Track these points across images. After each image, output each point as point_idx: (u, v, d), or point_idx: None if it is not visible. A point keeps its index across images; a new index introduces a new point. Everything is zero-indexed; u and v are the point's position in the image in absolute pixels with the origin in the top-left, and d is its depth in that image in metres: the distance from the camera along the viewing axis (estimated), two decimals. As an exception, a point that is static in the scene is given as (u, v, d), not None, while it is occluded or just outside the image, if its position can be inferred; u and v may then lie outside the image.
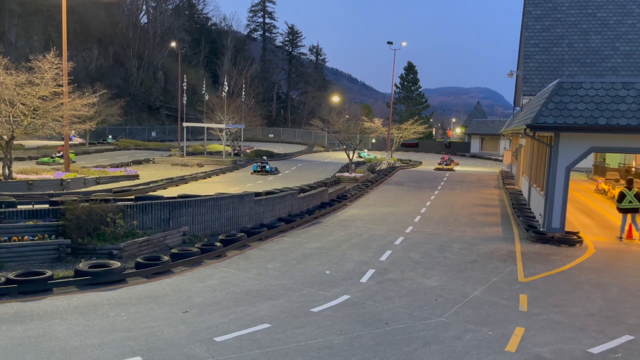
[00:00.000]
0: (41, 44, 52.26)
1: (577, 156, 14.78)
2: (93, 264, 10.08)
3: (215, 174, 29.52)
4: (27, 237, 10.94)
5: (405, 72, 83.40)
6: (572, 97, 14.22)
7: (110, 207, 12.13)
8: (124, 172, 26.45)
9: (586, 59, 29.15)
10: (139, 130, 60.29)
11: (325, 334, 7.71)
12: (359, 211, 19.71)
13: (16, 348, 6.81)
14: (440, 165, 39.31)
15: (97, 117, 33.69)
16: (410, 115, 66.70)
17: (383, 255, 12.71)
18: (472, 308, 9.10)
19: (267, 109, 77.98)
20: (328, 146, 61.64)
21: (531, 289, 10.29)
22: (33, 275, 9.25)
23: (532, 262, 12.48)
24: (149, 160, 35.15)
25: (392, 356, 6.99)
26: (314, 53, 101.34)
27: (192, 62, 76.22)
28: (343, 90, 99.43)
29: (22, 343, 6.98)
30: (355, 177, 29.02)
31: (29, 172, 22.85)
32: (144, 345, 7.05)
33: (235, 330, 7.67)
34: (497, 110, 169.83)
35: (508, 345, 7.45)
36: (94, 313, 8.25)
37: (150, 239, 12.20)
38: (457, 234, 15.68)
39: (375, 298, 9.50)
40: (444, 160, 40.34)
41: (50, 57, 20.73)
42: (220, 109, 42.25)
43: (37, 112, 20.72)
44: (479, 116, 77.02)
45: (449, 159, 40.81)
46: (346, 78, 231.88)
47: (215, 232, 14.33)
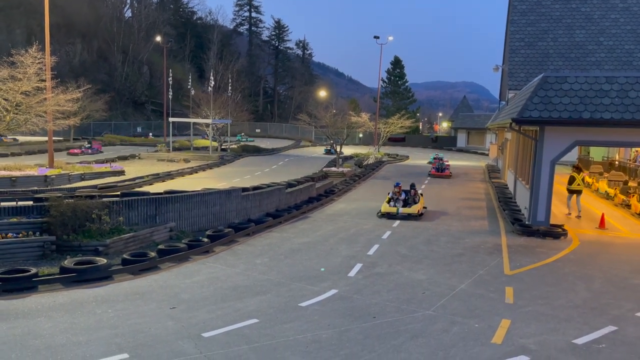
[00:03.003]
0: (23, 37, 51.37)
1: (562, 150, 14.94)
2: (79, 260, 9.98)
3: (202, 169, 29.36)
4: (11, 235, 10.79)
5: (392, 67, 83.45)
6: (556, 91, 14.35)
7: (96, 204, 12.01)
8: (110, 168, 26.20)
9: (570, 54, 29.45)
10: (124, 126, 59.67)
11: (313, 328, 7.73)
12: (347, 206, 19.74)
13: (1, 346, 6.72)
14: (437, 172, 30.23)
15: (81, 113, 33.27)
16: (397, 110, 66.93)
17: (371, 250, 12.76)
18: (459, 301, 9.18)
19: (253, 104, 77.68)
20: (315, 141, 61.61)
21: (517, 282, 10.40)
22: (17, 272, 9.13)
23: (517, 255, 12.62)
24: (135, 156, 34.84)
25: (380, 349, 7.04)
26: (300, 47, 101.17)
27: (178, 57, 75.60)
28: (330, 85, 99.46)
29: (7, 341, 6.90)
30: (343, 172, 29.06)
31: (11, 168, 22.51)
32: (131, 342, 7.00)
33: (224, 326, 7.66)
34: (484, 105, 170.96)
35: (494, 337, 7.54)
36: (80, 310, 8.17)
37: (137, 235, 12.11)
38: (444, 228, 15.79)
39: (363, 292, 9.54)
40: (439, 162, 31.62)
41: (32, 51, 20.40)
42: (207, 103, 41.97)
43: (19, 108, 20.39)
44: (466, 110, 77.49)
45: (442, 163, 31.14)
46: (333, 72, 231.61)
47: (203, 227, 14.26)
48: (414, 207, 17.07)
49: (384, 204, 17.45)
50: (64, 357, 6.46)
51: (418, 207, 17.11)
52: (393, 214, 16.95)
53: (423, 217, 17.37)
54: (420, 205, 17.39)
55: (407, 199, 17.71)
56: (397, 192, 17.85)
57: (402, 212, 16.79)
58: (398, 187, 17.93)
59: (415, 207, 17.01)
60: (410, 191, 18.00)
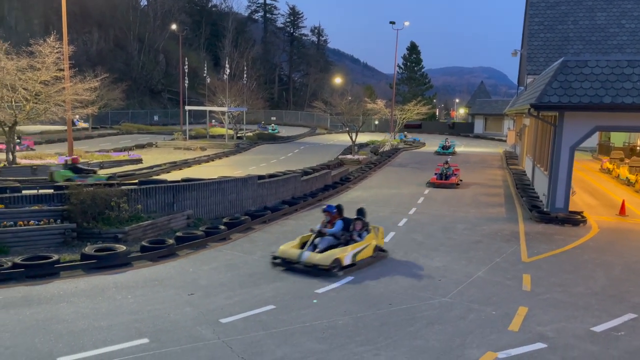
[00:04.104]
0: (41, 27, 51.88)
1: (582, 135, 14.70)
2: (99, 247, 10.16)
3: (218, 157, 29.52)
4: (33, 222, 11.01)
5: (408, 53, 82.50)
6: (576, 75, 14.08)
7: (115, 192, 12.18)
8: (128, 156, 26.50)
9: (591, 37, 28.78)
10: (141, 114, 60.16)
11: (329, 314, 7.78)
12: (362, 193, 19.72)
13: (25, 331, 6.90)
14: (440, 180, 21.23)
15: (99, 102, 33.61)
16: (413, 96, 66.31)
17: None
18: (475, 288, 9.15)
19: (269, 92, 77.52)
20: (331, 128, 61.43)
21: (534, 269, 10.33)
22: (40, 259, 9.33)
23: (535, 242, 12.50)
24: (152, 144, 35.14)
25: (396, 336, 7.06)
26: (315, 34, 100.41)
27: (193, 45, 75.68)
28: (345, 72, 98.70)
29: (30, 326, 7.08)
30: (358, 159, 28.98)
31: (32, 157, 22.91)
32: (151, 327, 7.13)
33: (241, 312, 7.75)
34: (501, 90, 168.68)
35: (511, 325, 7.51)
36: (101, 296, 8.34)
37: (155, 222, 12.26)
38: (461, 215, 15.70)
39: (379, 279, 9.56)
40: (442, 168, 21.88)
41: (50, 41, 20.61)
42: (222, 91, 42.04)
43: (39, 97, 20.68)
44: (483, 96, 76.50)
45: (447, 168, 21.75)
46: (348, 59, 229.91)
47: (219, 215, 14.38)
48: (333, 252, 9.68)
49: (293, 242, 10.49)
50: (86, 342, 6.61)
51: (345, 251, 9.83)
52: (292, 262, 9.89)
53: (439, 205, 17.10)
54: (368, 249, 10.34)
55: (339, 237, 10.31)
56: (326, 221, 10.62)
57: (305, 261, 9.68)
58: (328, 212, 10.59)
59: (334, 254, 9.60)
60: (354, 223, 10.60)
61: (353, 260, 10.01)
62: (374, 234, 10.73)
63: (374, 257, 10.56)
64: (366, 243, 10.43)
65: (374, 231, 10.80)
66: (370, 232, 10.68)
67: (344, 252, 9.91)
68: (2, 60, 19.44)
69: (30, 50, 20.63)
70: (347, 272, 9.84)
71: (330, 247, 10.04)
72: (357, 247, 10.20)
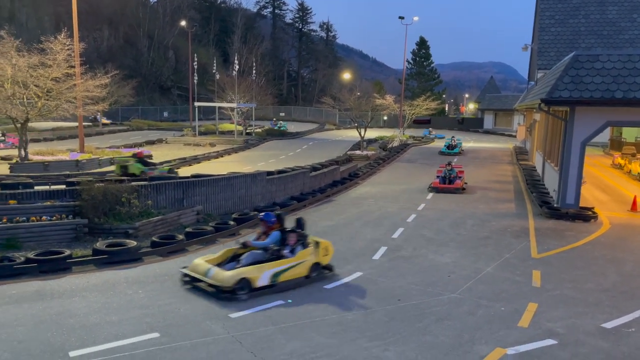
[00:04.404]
0: (52, 25, 52.25)
1: (593, 131, 14.57)
2: (110, 243, 10.25)
3: (227, 153, 29.62)
4: (45, 218, 11.14)
5: (417, 48, 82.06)
6: (588, 70, 13.95)
7: (125, 187, 12.28)
8: (138, 152, 26.63)
9: (603, 31, 28.48)
10: (151, 111, 60.46)
11: (339, 310, 7.81)
12: (371, 189, 19.71)
13: (38, 325, 7.00)
14: (443, 184, 18.87)
15: (109, 98, 33.82)
16: (422, 92, 65.87)
17: (395, 233, 12.75)
18: (484, 284, 9.13)
19: (277, 88, 77.56)
20: (339, 124, 61.36)
21: (544, 265, 10.28)
22: (52, 254, 9.44)
23: (545, 238, 12.44)
24: (162, 140, 35.33)
25: (405, 331, 7.08)
26: (324, 30, 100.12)
27: (203, 41, 75.87)
28: (354, 67, 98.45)
29: (44, 320, 7.18)
30: (367, 155, 28.95)
31: (44, 153, 23.14)
32: (162, 322, 7.20)
33: (250, 307, 7.79)
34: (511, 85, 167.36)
35: (521, 321, 7.49)
36: (112, 291, 8.43)
37: (165, 218, 12.36)
38: (470, 211, 15.64)
39: (388, 275, 9.57)
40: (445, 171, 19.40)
41: (61, 38, 20.75)
42: (231, 88, 42.13)
43: (50, 94, 20.86)
44: (493, 91, 75.91)
45: (451, 170, 19.31)
46: (357, 55, 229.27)
47: (229, 211, 14.45)
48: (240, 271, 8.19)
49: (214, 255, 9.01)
50: (98, 336, 6.69)
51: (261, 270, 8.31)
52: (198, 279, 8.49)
53: (448, 201, 17.04)
54: (300, 267, 8.79)
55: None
56: (262, 232, 9.21)
57: (210, 280, 8.20)
58: (264, 221, 9.15)
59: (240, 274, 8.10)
60: (288, 236, 9.01)
61: (273, 280, 8.45)
62: (311, 250, 9.09)
63: (309, 278, 8.95)
64: (297, 261, 8.80)
65: (314, 247, 9.16)
66: (307, 248, 9.07)
67: (259, 270, 8.30)
68: (14, 57, 19.61)
69: (41, 47, 20.78)
70: (355, 268, 9.86)
71: (256, 262, 8.48)
72: (281, 265, 8.55)
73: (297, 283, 8.78)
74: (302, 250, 9.03)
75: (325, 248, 9.36)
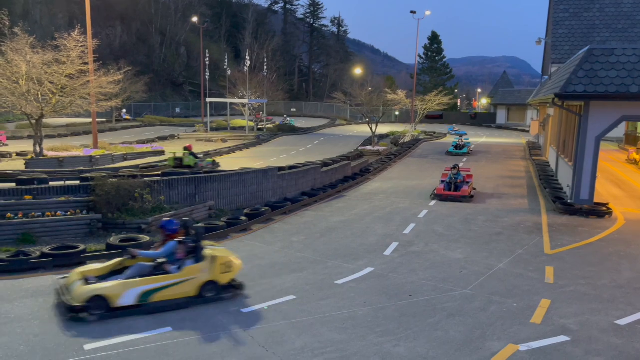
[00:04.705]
0: (65, 21, 52.76)
1: (608, 125, 14.38)
2: (123, 238, 10.35)
3: (239, 149, 29.72)
4: (60, 213, 11.28)
5: (430, 42, 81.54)
6: (603, 64, 13.76)
7: (138, 183, 12.38)
8: (150, 148, 26.85)
9: (618, 25, 28.05)
10: (163, 107, 60.87)
11: (349, 305, 7.82)
12: (382, 184, 19.67)
13: (53, 319, 7.09)
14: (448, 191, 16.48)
15: (122, 94, 34.09)
16: (434, 86, 65.59)
17: (407, 229, 12.72)
18: (497, 280, 9.09)
19: (289, 83, 77.56)
20: (351, 120, 61.24)
21: (558, 261, 10.20)
22: (67, 249, 9.57)
23: (559, 234, 12.33)
24: (174, 136, 35.55)
25: (416, 327, 7.07)
26: (335, 25, 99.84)
27: (214, 37, 76.04)
28: (366, 62, 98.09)
29: (59, 314, 7.25)
30: (379, 151, 28.87)
31: (59, 149, 23.41)
32: (175, 316, 7.27)
33: (262, 302, 7.84)
34: (525, 80, 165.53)
35: (533, 317, 7.45)
36: (126, 285, 8.50)
37: (177, 213, 12.44)
38: (482, 207, 15.55)
39: (399, 270, 9.56)
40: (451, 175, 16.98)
41: (75, 35, 20.94)
42: (243, 83, 42.22)
43: (64, 91, 21.07)
44: (506, 86, 75.22)
45: (457, 175, 16.85)
46: (369, 50, 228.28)
47: (240, 206, 14.52)
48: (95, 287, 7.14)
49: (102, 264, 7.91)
50: (112, 330, 6.76)
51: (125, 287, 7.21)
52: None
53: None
54: (186, 286, 7.59)
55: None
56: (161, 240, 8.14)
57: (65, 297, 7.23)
58: (163, 228, 8.02)
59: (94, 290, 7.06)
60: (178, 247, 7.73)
61: (142, 300, 7.23)
62: (204, 266, 7.69)
63: (201, 298, 7.64)
64: (181, 278, 7.52)
65: (209, 262, 7.74)
66: (201, 262, 7.71)
67: (123, 287, 7.15)
68: (28, 54, 19.84)
69: (55, 44, 20.99)
70: (366, 263, 9.86)
71: (143, 276, 7.43)
72: (155, 282, 7.34)
73: (179, 304, 7.46)
74: (192, 265, 7.65)
75: (226, 264, 7.85)
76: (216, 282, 7.80)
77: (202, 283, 7.68)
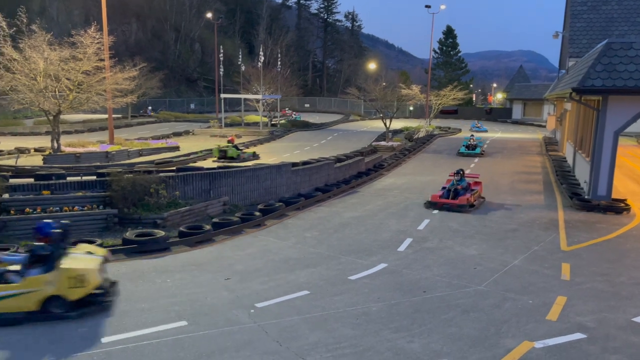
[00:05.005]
0: (82, 18, 53.27)
1: (626, 120, 14.14)
2: (139, 233, 10.47)
3: (253, 144, 29.80)
4: (77, 208, 11.44)
5: (444, 37, 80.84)
6: (621, 58, 13.51)
7: (153, 178, 12.50)
8: (165, 144, 27.09)
9: (637, 18, 27.51)
10: (178, 103, 61.26)
11: (363, 301, 7.82)
12: (396, 180, 19.59)
13: (71, 312, 7.20)
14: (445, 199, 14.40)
15: (137, 91, 34.38)
16: (449, 81, 64.96)
17: (421, 224, 12.67)
18: (512, 277, 9.01)
19: (302, 79, 77.52)
20: (364, 115, 61.04)
21: (574, 258, 10.08)
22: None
23: (575, 231, 12.18)
24: (189, 132, 35.78)
25: (430, 323, 7.05)
26: (349, 19, 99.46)
27: (228, 33, 76.25)
28: (380, 57, 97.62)
29: (77, 307, 7.37)
30: (392, 146, 28.75)
31: (76, 145, 23.71)
32: (189, 311, 7.34)
33: (276, 297, 7.88)
34: (541, 74, 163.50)
35: (549, 314, 7.38)
36: (142, 279, 8.62)
37: (192, 208, 12.55)
38: (497, 202, 15.41)
39: (413, 266, 9.53)
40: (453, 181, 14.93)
41: (91, 32, 21.15)
42: (257, 79, 42.31)
43: (81, 87, 21.32)
44: (522, 80, 74.29)
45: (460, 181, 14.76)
46: (383, 44, 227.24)
47: (254, 201, 14.58)
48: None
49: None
50: (128, 323, 6.86)
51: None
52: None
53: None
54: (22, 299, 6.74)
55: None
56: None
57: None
58: (37, 231, 7.13)
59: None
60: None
61: None
62: (53, 278, 6.78)
63: (46, 314, 6.75)
64: (18, 290, 6.68)
65: (62, 272, 6.80)
66: (50, 272, 6.81)
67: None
68: (46, 51, 20.09)
69: (71, 41, 21.22)
70: (380, 259, 9.84)
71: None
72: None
73: (17, 319, 6.63)
74: (35, 276, 6.78)
75: (77, 277, 6.83)
76: (63, 298, 6.79)
77: (45, 297, 6.73)
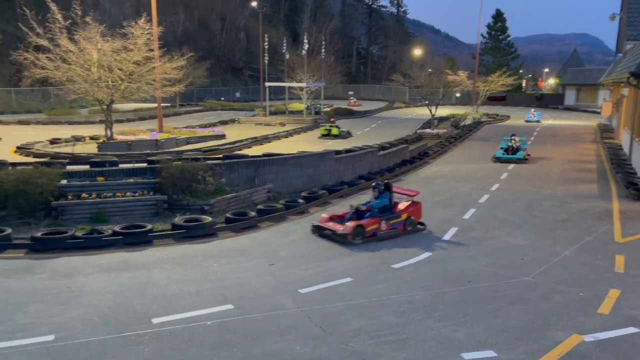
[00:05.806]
0: (132, 10, 54.78)
1: (690, 106, 13.34)
2: (187, 218, 10.81)
3: (296, 132, 29.97)
4: (129, 194, 11.91)
5: (493, 21, 78.24)
6: (686, 39, 12.72)
7: (201, 166, 12.82)
8: (212, 132, 27.61)
9: None
10: (224, 91, 62.23)
11: (406, 289, 7.80)
12: (442, 168, 19.27)
13: (124, 293, 7.56)
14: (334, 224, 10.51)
15: (185, 80, 35.15)
16: (497, 67, 62.90)
17: (467, 214, 12.45)
18: (561, 268, 8.75)
19: (346, 66, 77.07)
20: (409, 102, 60.15)
21: (629, 250, 9.67)
22: (135, 228, 10.10)
23: (631, 222, 11.66)
24: (234, 120, 36.34)
25: (474, 313, 6.96)
26: (394, 5, 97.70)
27: (273, 21, 76.61)
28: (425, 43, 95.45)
29: (129, 289, 7.73)
30: (438, 134, 28.24)
31: (127, 133, 24.55)
32: (235, 295, 7.54)
33: (319, 283, 7.97)
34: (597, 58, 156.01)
35: (601, 307, 7.13)
36: (190, 263, 8.91)
37: (238, 195, 12.80)
38: (547, 192, 14.93)
39: (458, 256, 9.40)
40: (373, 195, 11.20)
41: (141, 23, 21.73)
42: (301, 67, 42.39)
43: (132, 77, 21.99)
44: (576, 65, 71.09)
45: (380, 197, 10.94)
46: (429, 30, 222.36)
47: (298, 189, 14.71)
48: None
49: None
50: (177, 305, 7.13)
51: None
52: None
53: (524, 181, 16.23)
54: None
55: None
56: None
57: None
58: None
59: None
60: None
61: None
62: None
63: None
64: None
65: None
66: None
67: None
68: (99, 43, 20.81)
69: (123, 32, 21.88)
70: (424, 249, 9.75)
71: None
72: None
73: None
74: None
75: None
76: None
77: None
